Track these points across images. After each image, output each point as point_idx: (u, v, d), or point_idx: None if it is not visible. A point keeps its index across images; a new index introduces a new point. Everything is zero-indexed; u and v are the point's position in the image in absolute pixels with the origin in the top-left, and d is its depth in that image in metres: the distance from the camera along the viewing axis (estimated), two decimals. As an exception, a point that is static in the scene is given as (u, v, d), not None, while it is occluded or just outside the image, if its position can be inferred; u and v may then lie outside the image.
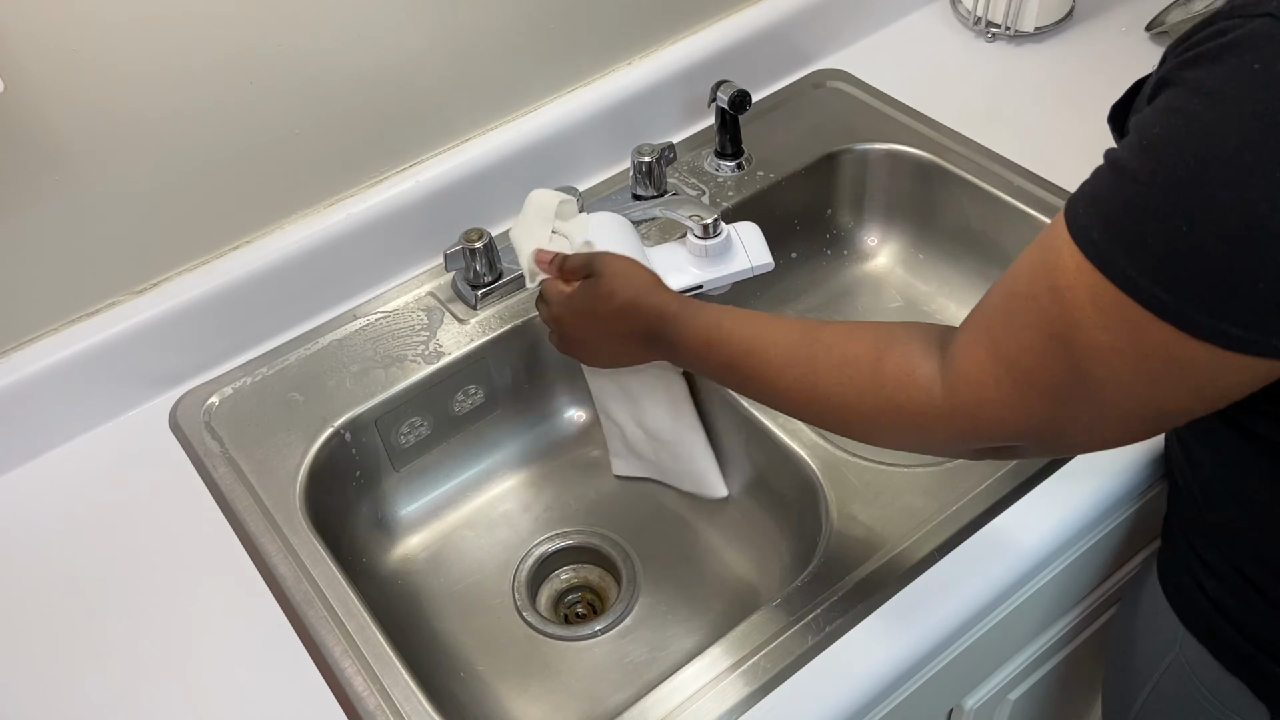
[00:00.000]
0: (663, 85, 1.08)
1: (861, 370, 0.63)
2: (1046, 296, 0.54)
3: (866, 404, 0.63)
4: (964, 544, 0.78)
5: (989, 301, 0.59)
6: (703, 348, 0.74)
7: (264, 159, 0.90)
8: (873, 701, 0.73)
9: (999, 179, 1.05)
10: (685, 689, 0.72)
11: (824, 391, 0.65)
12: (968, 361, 0.58)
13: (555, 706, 0.86)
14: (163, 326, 0.90)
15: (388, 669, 0.74)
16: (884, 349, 0.63)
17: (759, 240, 0.91)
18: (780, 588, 0.77)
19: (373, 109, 0.93)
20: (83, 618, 0.79)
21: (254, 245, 0.94)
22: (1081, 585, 0.91)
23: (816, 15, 1.16)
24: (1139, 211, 0.49)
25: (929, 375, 0.60)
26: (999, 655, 0.90)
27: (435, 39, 0.93)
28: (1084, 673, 1.06)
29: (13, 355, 0.87)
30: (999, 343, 0.56)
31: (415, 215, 0.99)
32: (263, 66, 0.85)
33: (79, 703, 0.75)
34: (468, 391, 0.97)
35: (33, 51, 0.75)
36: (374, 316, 0.98)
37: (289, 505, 0.84)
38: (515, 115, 1.03)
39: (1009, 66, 1.18)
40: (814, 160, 1.10)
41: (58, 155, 0.80)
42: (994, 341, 0.57)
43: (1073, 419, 0.56)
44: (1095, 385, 0.53)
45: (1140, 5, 1.21)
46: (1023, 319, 0.55)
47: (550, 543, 0.97)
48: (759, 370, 0.69)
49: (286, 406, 0.91)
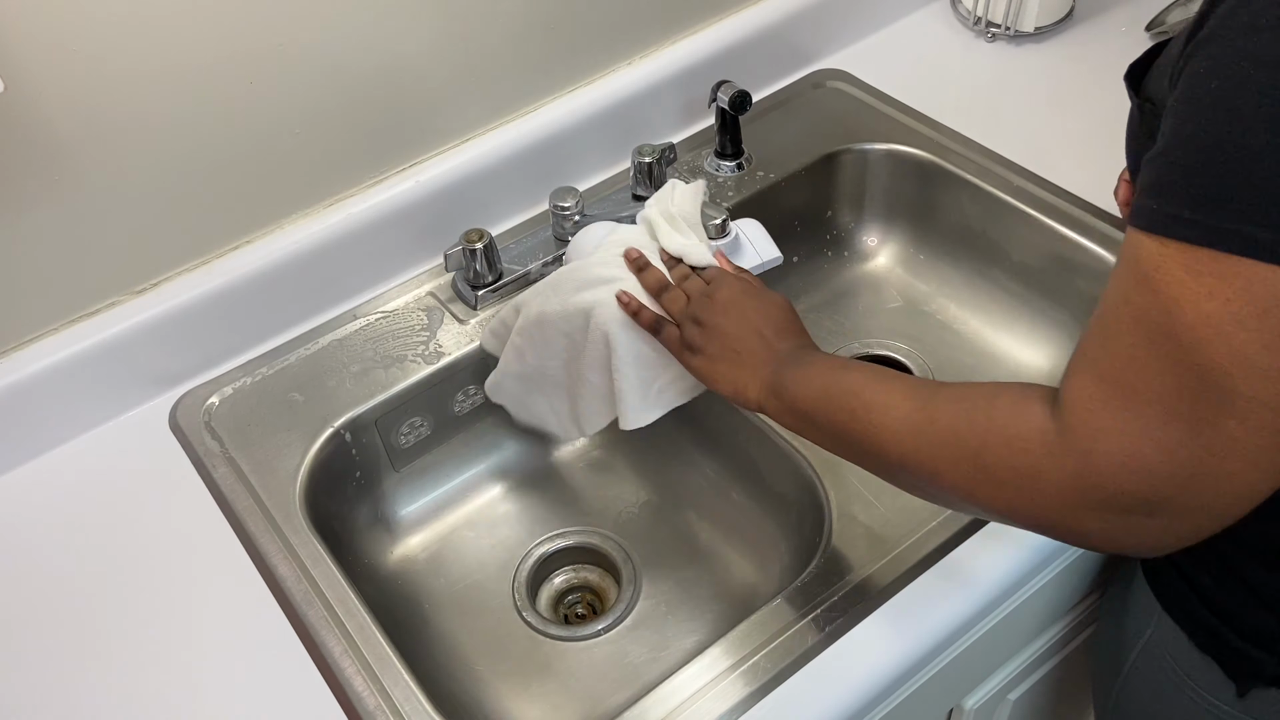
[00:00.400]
0: (663, 85, 1.08)
1: (977, 404, 0.58)
2: (1136, 292, 0.50)
3: (976, 436, 0.57)
4: (964, 544, 0.78)
5: (1084, 334, 0.54)
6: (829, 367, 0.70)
7: (264, 159, 0.90)
8: (873, 701, 0.73)
9: (999, 179, 1.05)
10: (685, 689, 0.72)
11: (938, 427, 0.59)
12: (1073, 394, 0.52)
13: (555, 706, 0.86)
14: (163, 326, 0.90)
15: (388, 669, 0.73)
16: (1001, 389, 0.58)
17: (764, 235, 0.91)
18: (780, 588, 0.77)
19: (373, 109, 0.93)
20: (82, 618, 0.79)
21: (254, 245, 0.94)
22: (1081, 585, 0.91)
23: (816, 15, 1.16)
24: (1216, 167, 0.48)
25: (1042, 413, 0.54)
26: (999, 655, 0.90)
27: (435, 39, 0.93)
28: (1084, 672, 1.06)
29: (13, 355, 0.87)
30: (1099, 363, 0.52)
31: (415, 215, 0.99)
32: (262, 67, 0.85)
33: (79, 703, 0.75)
34: (468, 391, 0.97)
35: (33, 51, 0.75)
36: (374, 316, 0.98)
37: (289, 505, 0.84)
38: (515, 115, 1.03)
39: (1009, 66, 1.18)
40: (814, 160, 1.10)
41: (58, 155, 0.80)
42: (1094, 365, 0.52)
43: (1213, 443, 0.48)
44: (1221, 377, 0.48)
45: (1140, 5, 1.21)
46: (1118, 328, 0.51)
47: (550, 543, 0.97)
48: (874, 401, 0.64)
49: (286, 406, 0.91)
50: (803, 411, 0.70)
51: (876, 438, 0.63)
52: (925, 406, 0.61)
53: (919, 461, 0.61)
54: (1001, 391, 0.58)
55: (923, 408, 0.61)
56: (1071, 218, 1.00)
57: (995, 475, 0.56)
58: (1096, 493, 0.52)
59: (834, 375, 0.68)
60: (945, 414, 0.59)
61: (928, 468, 0.60)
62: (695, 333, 0.76)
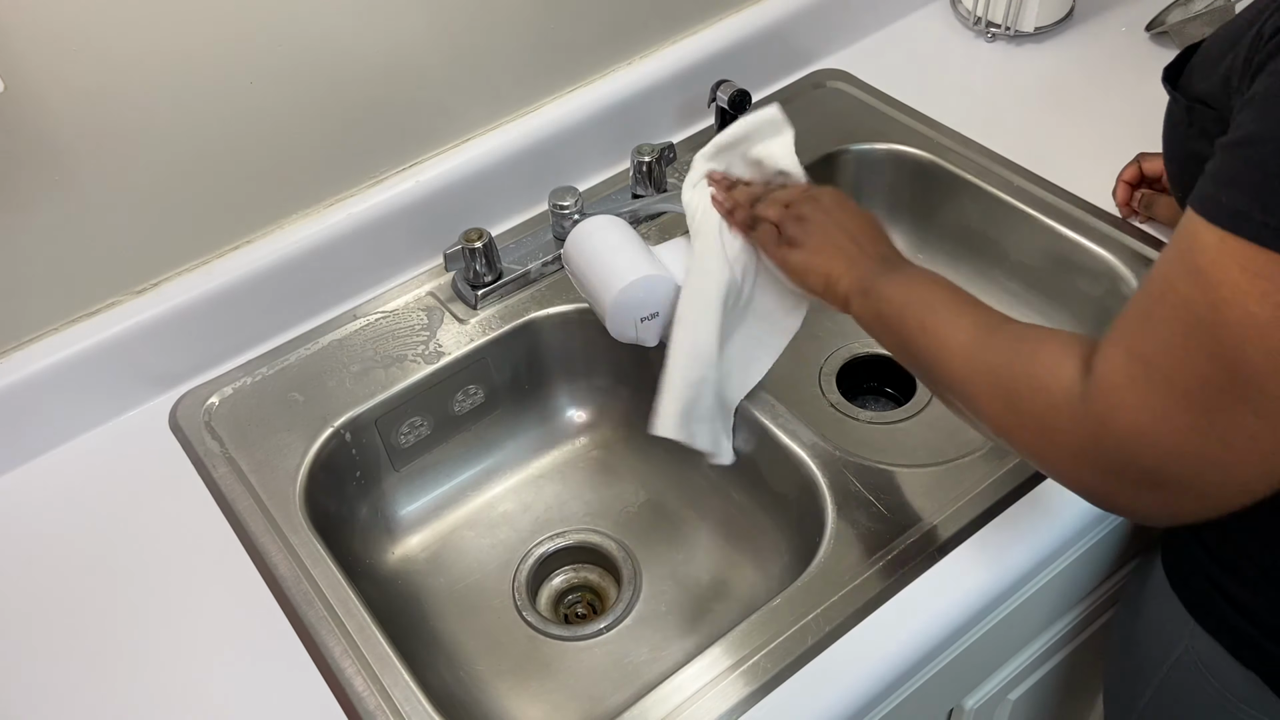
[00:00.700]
0: (662, 85, 1.08)
1: (1025, 347, 0.60)
2: (1185, 281, 0.50)
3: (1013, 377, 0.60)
4: (964, 544, 0.78)
5: (1127, 306, 0.55)
6: (918, 279, 0.73)
7: (264, 159, 0.90)
8: (873, 701, 0.73)
9: (999, 179, 1.05)
10: (685, 689, 0.72)
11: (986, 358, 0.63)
12: (1104, 364, 0.54)
13: (555, 706, 0.86)
14: (163, 326, 0.90)
15: (388, 669, 0.74)
16: (1050, 338, 0.60)
17: None
18: (780, 588, 0.77)
19: (373, 108, 0.93)
20: (82, 618, 0.79)
21: (254, 245, 0.94)
22: (1082, 584, 0.91)
23: (816, 15, 1.16)
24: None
25: (1074, 371, 0.56)
26: (999, 655, 0.90)
27: (435, 39, 0.93)
28: (1084, 672, 1.06)
29: (13, 355, 0.87)
30: (1134, 340, 0.53)
31: (415, 215, 0.99)
32: (263, 66, 0.85)
33: (79, 702, 0.75)
34: (468, 391, 0.97)
35: (33, 51, 0.75)
36: (374, 316, 0.98)
37: (289, 505, 0.84)
38: (515, 115, 1.03)
39: (1009, 66, 1.18)
40: (814, 160, 1.09)
41: (58, 155, 0.80)
42: (1130, 340, 0.53)
43: (1227, 433, 0.50)
44: (1251, 375, 0.48)
45: (1140, 5, 1.21)
46: (1160, 312, 0.52)
47: (550, 543, 0.97)
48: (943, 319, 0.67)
49: (286, 406, 0.91)
50: (883, 315, 0.73)
51: (935, 355, 0.67)
52: (983, 337, 0.64)
53: (963, 386, 0.64)
54: (1049, 340, 0.60)
55: (980, 338, 0.64)
56: (1071, 218, 1.00)
57: (1021, 417, 0.59)
58: (1107, 458, 0.54)
59: (918, 288, 0.71)
60: (997, 348, 0.62)
61: (969, 393, 0.64)
62: (796, 228, 0.79)
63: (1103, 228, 0.98)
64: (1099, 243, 0.97)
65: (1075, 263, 0.99)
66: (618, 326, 0.87)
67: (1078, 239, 0.99)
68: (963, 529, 0.78)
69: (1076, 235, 0.99)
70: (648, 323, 0.87)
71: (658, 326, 0.88)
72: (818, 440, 0.86)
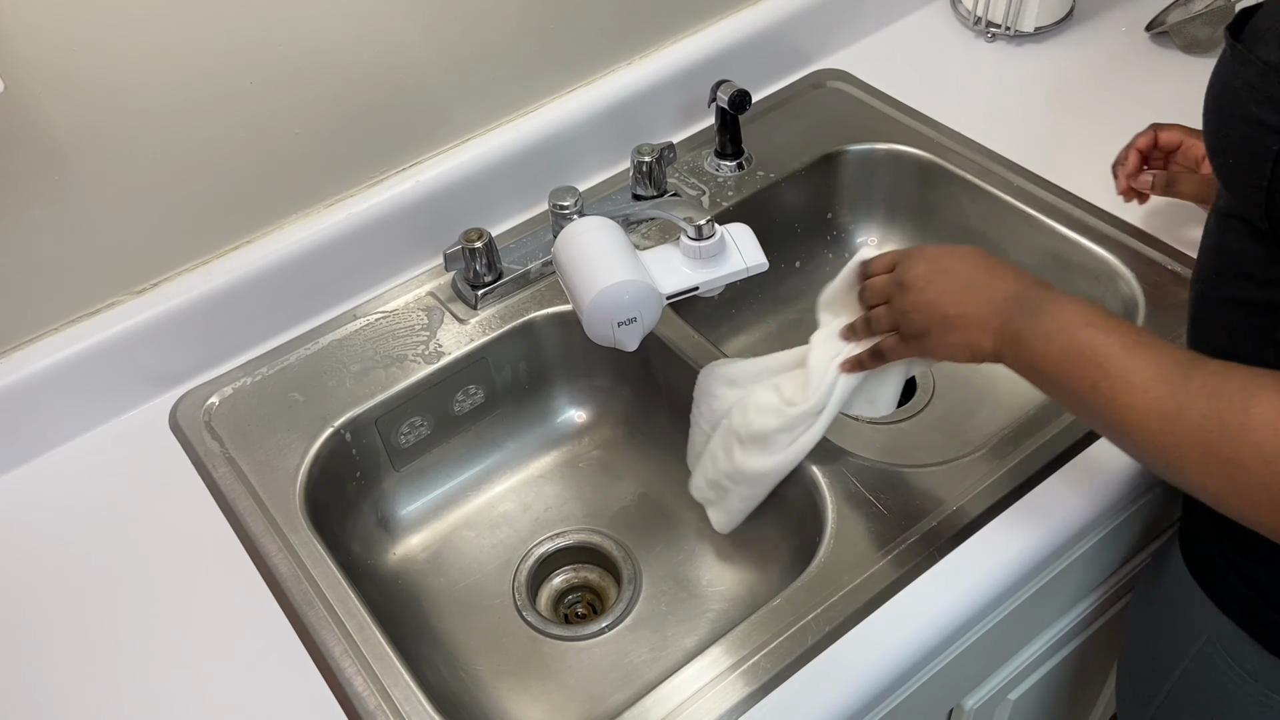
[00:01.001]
0: (662, 85, 1.08)
1: (1234, 402, 0.54)
2: None
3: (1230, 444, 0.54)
4: (964, 544, 0.78)
5: None
6: (1074, 325, 0.64)
7: (264, 159, 0.90)
8: (873, 701, 0.73)
9: (999, 179, 1.05)
10: (685, 689, 0.72)
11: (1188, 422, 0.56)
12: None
13: (555, 706, 0.86)
14: (163, 326, 0.90)
15: (388, 669, 0.74)
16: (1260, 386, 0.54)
17: (752, 241, 0.90)
18: (780, 588, 0.77)
19: (373, 109, 0.93)
20: (82, 618, 0.79)
21: (254, 245, 0.94)
22: (1082, 584, 0.91)
23: (816, 15, 1.16)
24: None
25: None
26: (999, 655, 0.90)
27: (435, 39, 0.93)
28: (1085, 672, 1.06)
29: (13, 355, 0.87)
30: None
31: (415, 215, 0.99)
32: (263, 66, 0.85)
33: (79, 702, 0.75)
34: (468, 391, 0.97)
35: (32, 51, 0.75)
36: (374, 316, 0.98)
37: (289, 505, 0.84)
38: (515, 115, 1.03)
39: (1009, 66, 1.19)
40: (814, 160, 1.10)
41: (58, 155, 0.80)
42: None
43: None
44: None
45: (1140, 5, 1.21)
46: None
47: (550, 543, 0.97)
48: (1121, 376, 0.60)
49: (286, 406, 0.91)
50: (1042, 371, 0.67)
51: (1120, 416, 0.61)
52: (1176, 393, 0.57)
53: (1164, 453, 0.58)
54: (1260, 392, 0.54)
55: (1173, 394, 0.57)
56: (1071, 218, 1.00)
57: (1250, 492, 0.53)
58: None
59: (1077, 335, 0.64)
60: (1197, 408, 0.56)
61: (1173, 462, 0.58)
62: (905, 323, 0.74)
63: (1103, 228, 0.98)
64: (1099, 243, 0.97)
65: (1075, 263, 0.99)
66: (595, 328, 0.85)
67: (1078, 239, 0.99)
68: (963, 529, 0.78)
69: (1076, 235, 0.99)
70: (625, 327, 0.85)
71: (637, 331, 0.86)
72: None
